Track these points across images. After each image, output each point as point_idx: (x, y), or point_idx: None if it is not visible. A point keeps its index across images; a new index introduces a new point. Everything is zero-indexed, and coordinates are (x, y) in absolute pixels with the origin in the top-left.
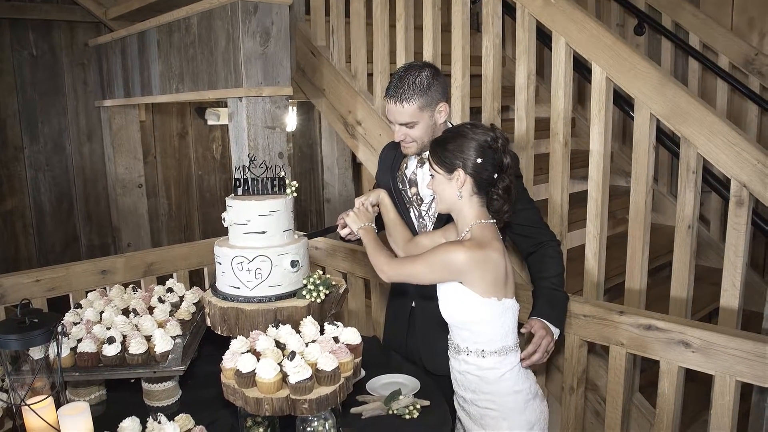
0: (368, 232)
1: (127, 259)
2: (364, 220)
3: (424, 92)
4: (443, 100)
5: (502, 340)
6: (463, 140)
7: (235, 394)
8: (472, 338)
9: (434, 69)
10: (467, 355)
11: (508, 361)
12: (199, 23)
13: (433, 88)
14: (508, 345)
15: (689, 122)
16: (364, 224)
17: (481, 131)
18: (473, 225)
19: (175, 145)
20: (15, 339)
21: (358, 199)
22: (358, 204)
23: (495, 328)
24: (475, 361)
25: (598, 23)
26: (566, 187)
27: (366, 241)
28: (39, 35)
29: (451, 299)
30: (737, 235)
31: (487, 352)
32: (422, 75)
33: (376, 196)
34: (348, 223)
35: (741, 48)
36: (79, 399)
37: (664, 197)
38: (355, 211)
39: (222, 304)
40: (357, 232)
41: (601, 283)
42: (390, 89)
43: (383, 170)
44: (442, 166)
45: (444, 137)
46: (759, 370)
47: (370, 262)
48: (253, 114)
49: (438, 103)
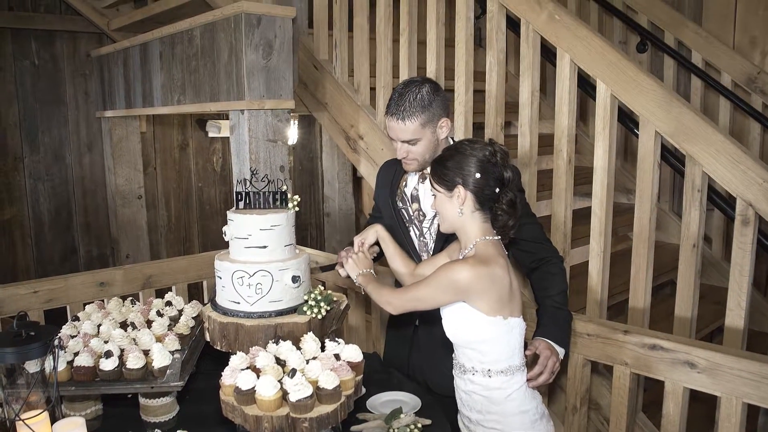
0: (367, 278)
1: (125, 272)
2: (362, 267)
3: (426, 108)
4: (444, 116)
5: (509, 359)
6: (461, 157)
7: (234, 412)
8: (478, 358)
9: (434, 84)
10: (473, 374)
11: (515, 380)
12: (202, 35)
13: (434, 103)
14: (514, 364)
15: (694, 140)
16: (362, 271)
17: (479, 146)
18: (477, 242)
19: (176, 156)
20: (11, 352)
21: (356, 238)
22: (357, 244)
23: (501, 347)
24: (482, 380)
25: (603, 40)
26: (570, 204)
27: (367, 287)
28: (41, 45)
29: (455, 319)
30: (743, 254)
31: (493, 371)
32: (423, 91)
33: (374, 235)
34: (348, 270)
35: (743, 66)
36: (74, 414)
37: (667, 215)
38: (353, 257)
39: (222, 319)
40: (356, 280)
41: (605, 301)
42: (391, 106)
43: (382, 187)
44: (442, 184)
45: (443, 155)
46: (766, 392)
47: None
48: (255, 127)
49: (439, 119)
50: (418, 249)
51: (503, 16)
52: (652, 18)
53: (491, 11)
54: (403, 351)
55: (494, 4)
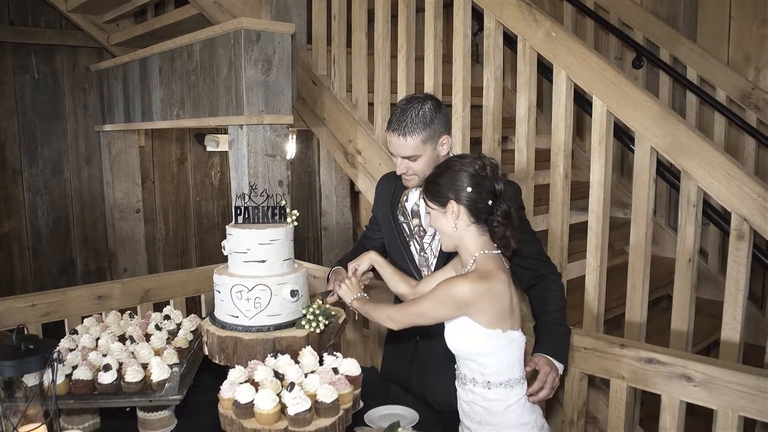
0: (361, 301)
1: (124, 285)
2: (355, 292)
3: (427, 125)
4: (446, 133)
5: (508, 372)
6: (452, 173)
7: (233, 425)
8: (479, 369)
9: (437, 101)
10: (474, 385)
11: (515, 393)
12: (202, 51)
13: (436, 120)
14: (514, 377)
15: (690, 156)
16: (356, 295)
17: (468, 161)
18: (477, 256)
19: (174, 170)
20: (9, 365)
21: (351, 264)
22: (351, 270)
23: (500, 359)
24: (482, 392)
25: (599, 57)
26: (567, 219)
27: (363, 309)
28: (41, 59)
29: (457, 331)
30: (738, 268)
31: (493, 383)
32: (425, 108)
33: (368, 262)
34: (342, 296)
35: (738, 82)
36: (72, 427)
37: (663, 229)
38: (347, 283)
39: (220, 333)
40: (351, 304)
41: (601, 315)
42: (392, 122)
43: (382, 201)
44: (435, 201)
45: (434, 173)
46: (762, 406)
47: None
48: (254, 142)
49: (441, 136)
50: (418, 264)
51: (500, 32)
52: (647, 34)
53: (488, 28)
54: (403, 365)
55: (491, 21)
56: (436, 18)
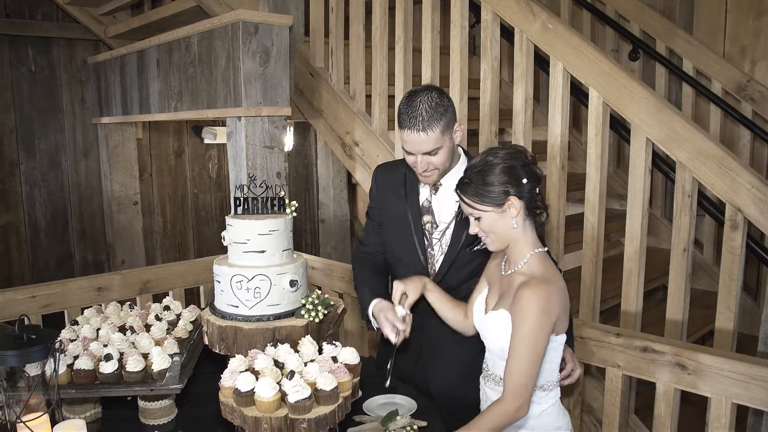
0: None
1: (123, 277)
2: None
3: (443, 115)
4: (456, 120)
5: (549, 374)
6: (502, 168)
7: (234, 413)
8: None
9: (439, 89)
10: None
11: (551, 396)
12: (200, 43)
13: (449, 109)
14: (552, 380)
15: (685, 147)
16: None
17: (510, 152)
18: (530, 256)
19: (172, 163)
20: (12, 355)
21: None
22: (406, 309)
23: (544, 363)
24: None
25: (595, 49)
26: (563, 210)
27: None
28: (38, 52)
29: (504, 331)
30: (732, 258)
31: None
32: (433, 97)
33: (419, 290)
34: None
35: (733, 74)
36: (74, 416)
37: (658, 220)
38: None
39: (220, 323)
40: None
41: (597, 305)
42: (405, 120)
43: (385, 191)
44: (487, 202)
45: (473, 174)
46: (755, 393)
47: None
48: (252, 133)
49: (455, 123)
50: (423, 262)
51: (497, 25)
52: (644, 27)
53: (485, 20)
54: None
55: (488, 14)
56: (434, 10)
